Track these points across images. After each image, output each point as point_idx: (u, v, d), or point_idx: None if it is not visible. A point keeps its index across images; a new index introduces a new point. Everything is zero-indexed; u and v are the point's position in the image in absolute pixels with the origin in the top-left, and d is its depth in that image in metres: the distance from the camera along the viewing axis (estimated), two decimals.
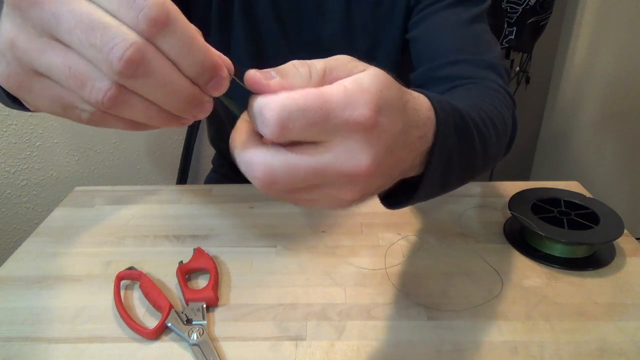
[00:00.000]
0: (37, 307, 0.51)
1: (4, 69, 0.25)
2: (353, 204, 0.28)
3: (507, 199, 0.61)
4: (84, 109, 0.25)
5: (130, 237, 0.63)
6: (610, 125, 1.33)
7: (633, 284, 0.52)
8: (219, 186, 0.75)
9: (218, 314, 0.50)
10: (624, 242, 0.58)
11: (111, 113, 0.25)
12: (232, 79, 0.27)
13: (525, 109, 1.63)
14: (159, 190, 0.74)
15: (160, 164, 1.45)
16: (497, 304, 0.50)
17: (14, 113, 1.25)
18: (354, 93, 0.24)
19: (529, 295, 0.51)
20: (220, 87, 0.26)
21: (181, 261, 0.56)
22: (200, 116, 0.27)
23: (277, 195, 0.26)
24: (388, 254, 0.58)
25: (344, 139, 0.24)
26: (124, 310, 0.49)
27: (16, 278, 0.56)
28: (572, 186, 0.68)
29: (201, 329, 0.46)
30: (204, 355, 0.44)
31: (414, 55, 0.64)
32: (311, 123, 0.24)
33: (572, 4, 1.47)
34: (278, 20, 0.66)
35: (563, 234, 0.55)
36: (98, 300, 0.52)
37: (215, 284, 0.52)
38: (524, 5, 1.31)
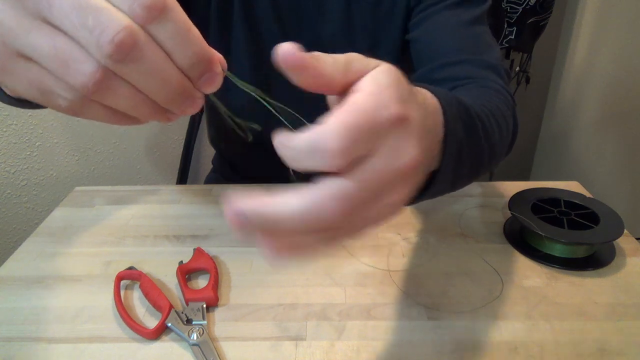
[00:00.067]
0: (37, 307, 0.51)
1: None
2: (403, 204, 0.27)
3: (507, 199, 0.61)
4: (63, 96, 0.24)
5: (130, 237, 0.63)
6: (610, 125, 1.33)
7: (633, 284, 0.52)
8: (219, 186, 0.75)
9: (218, 314, 0.50)
10: (624, 242, 0.58)
11: (93, 99, 0.24)
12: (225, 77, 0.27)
13: (525, 109, 1.63)
14: (159, 190, 0.74)
15: (160, 164, 1.45)
16: (497, 304, 0.50)
17: (14, 113, 1.25)
18: (380, 93, 0.24)
19: (529, 295, 0.51)
20: (213, 83, 0.26)
21: (181, 261, 0.56)
22: (189, 112, 0.27)
23: (349, 228, 0.24)
24: (388, 254, 0.58)
25: (386, 141, 0.23)
26: (124, 310, 0.49)
27: (16, 278, 0.56)
28: (572, 186, 0.68)
29: (201, 329, 0.46)
30: (204, 355, 0.44)
31: (415, 56, 0.64)
32: (365, 139, 0.22)
33: (572, 4, 1.47)
34: (278, 20, 0.66)
35: (563, 234, 0.55)
36: (98, 300, 0.52)
37: (215, 284, 0.52)
38: (524, 5, 1.31)
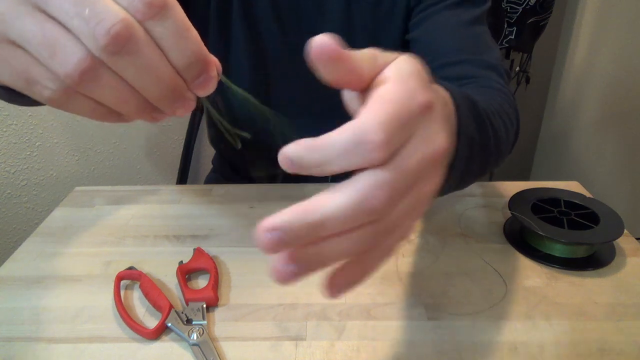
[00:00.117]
0: (37, 307, 0.51)
1: None
2: (434, 195, 0.26)
3: (507, 199, 0.61)
4: (48, 86, 0.24)
5: (130, 237, 0.63)
6: (610, 125, 1.33)
7: (633, 284, 0.52)
8: (219, 186, 0.75)
9: (218, 314, 0.50)
10: (624, 242, 0.58)
11: (79, 90, 0.23)
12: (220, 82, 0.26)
13: (525, 109, 1.63)
14: (159, 190, 0.74)
15: (160, 164, 1.45)
16: (497, 304, 0.50)
17: (14, 113, 1.25)
18: (406, 83, 0.23)
19: (529, 295, 0.50)
20: (207, 86, 0.25)
21: (181, 261, 0.56)
22: (179, 112, 0.26)
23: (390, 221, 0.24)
24: None
25: (418, 129, 0.23)
26: (124, 310, 0.49)
27: (16, 278, 0.56)
28: (572, 186, 0.68)
29: (201, 329, 0.46)
30: (204, 355, 0.44)
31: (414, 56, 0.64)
32: (404, 128, 0.22)
33: (572, 4, 1.47)
34: (277, 19, 0.66)
35: (563, 234, 0.55)
36: (98, 300, 0.52)
37: (215, 284, 0.52)
38: (524, 5, 1.31)
